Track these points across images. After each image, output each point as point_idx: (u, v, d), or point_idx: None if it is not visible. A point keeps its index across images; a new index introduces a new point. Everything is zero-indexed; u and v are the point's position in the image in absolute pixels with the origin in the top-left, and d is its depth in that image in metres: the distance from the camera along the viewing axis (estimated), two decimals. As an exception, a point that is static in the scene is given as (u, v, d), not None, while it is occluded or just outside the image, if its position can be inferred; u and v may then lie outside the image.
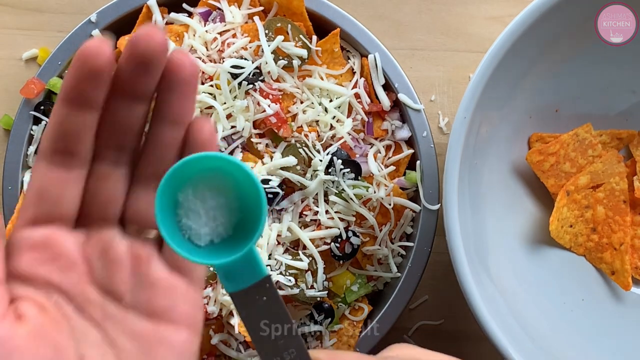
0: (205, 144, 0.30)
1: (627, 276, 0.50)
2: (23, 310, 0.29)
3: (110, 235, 0.31)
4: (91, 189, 0.31)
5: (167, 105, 0.30)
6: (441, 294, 0.55)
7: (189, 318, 0.32)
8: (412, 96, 0.50)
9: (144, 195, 0.31)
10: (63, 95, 0.29)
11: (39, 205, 0.30)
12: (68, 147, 0.29)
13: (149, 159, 0.31)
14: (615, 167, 0.50)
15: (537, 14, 0.42)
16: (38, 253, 0.30)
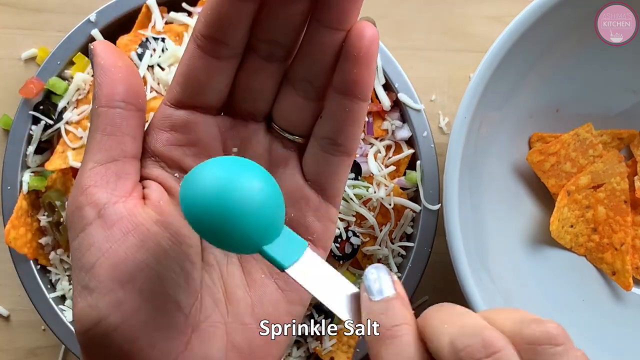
0: (363, 52, 0.28)
1: (628, 276, 0.50)
2: (150, 192, 0.29)
3: (253, 130, 0.31)
4: (241, 80, 0.30)
5: (329, 8, 0.27)
6: (441, 294, 0.54)
7: (317, 232, 0.31)
8: (412, 96, 0.50)
9: (292, 96, 0.30)
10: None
11: (185, 88, 0.29)
12: (221, 34, 0.28)
13: (302, 62, 0.29)
14: (616, 167, 0.50)
15: (538, 13, 0.42)
16: (177, 134, 0.30)
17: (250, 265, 0.31)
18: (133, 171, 0.29)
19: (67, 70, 0.50)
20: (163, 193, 0.29)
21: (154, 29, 0.49)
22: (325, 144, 0.30)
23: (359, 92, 0.29)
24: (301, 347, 0.49)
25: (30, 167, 0.49)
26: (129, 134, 0.29)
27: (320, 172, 0.31)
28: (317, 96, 0.30)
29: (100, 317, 0.27)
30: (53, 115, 0.49)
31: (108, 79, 0.28)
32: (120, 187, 0.28)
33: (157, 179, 0.30)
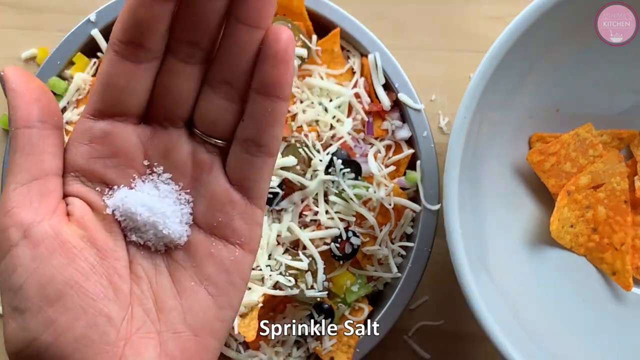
0: (279, 54, 0.29)
1: (628, 276, 0.50)
2: (73, 209, 0.29)
3: (175, 136, 0.31)
4: (160, 84, 0.30)
5: (245, 4, 0.28)
6: (441, 295, 0.55)
7: (244, 236, 0.31)
8: (412, 96, 0.50)
9: (213, 99, 0.30)
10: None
11: (104, 97, 0.29)
12: (139, 37, 0.28)
13: (222, 63, 0.29)
14: (616, 167, 0.50)
15: (538, 13, 0.42)
16: (98, 146, 0.30)
17: (180, 274, 0.31)
18: (55, 189, 0.29)
19: (66, 70, 0.50)
20: (86, 208, 0.30)
21: (154, 29, 0.49)
22: (248, 146, 0.30)
23: (279, 92, 0.29)
24: (301, 347, 0.49)
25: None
26: (48, 152, 0.29)
27: (244, 175, 0.31)
28: (238, 98, 0.30)
29: (31, 338, 0.27)
30: (53, 115, 0.49)
31: (22, 101, 0.29)
32: (44, 205, 0.29)
33: (79, 195, 0.30)
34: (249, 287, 0.46)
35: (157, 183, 0.31)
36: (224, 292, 0.31)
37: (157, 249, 0.31)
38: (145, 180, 0.31)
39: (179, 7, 0.28)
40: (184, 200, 0.31)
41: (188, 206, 0.31)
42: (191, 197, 0.31)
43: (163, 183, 0.31)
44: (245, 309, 0.46)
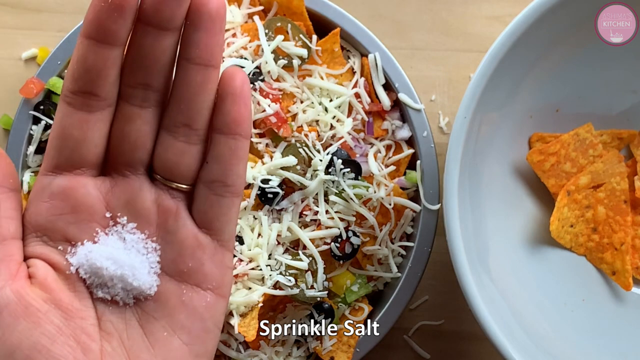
0: (236, 91, 0.29)
1: (628, 276, 0.50)
2: (36, 270, 0.29)
3: (137, 184, 0.30)
4: (117, 131, 0.29)
5: (194, 45, 0.28)
6: (441, 294, 0.55)
7: (215, 280, 0.30)
8: (412, 96, 0.50)
9: (173, 143, 0.29)
10: (84, 31, 0.27)
11: (60, 151, 0.29)
12: (90, 86, 0.28)
13: (178, 105, 0.29)
14: (616, 167, 0.50)
15: (538, 13, 0.42)
16: (58, 202, 0.29)
17: (152, 325, 0.30)
18: (15, 252, 0.29)
19: (67, 70, 0.50)
20: (49, 269, 0.29)
21: (154, 29, 0.49)
22: (214, 187, 0.30)
23: (240, 129, 0.29)
24: (301, 347, 0.49)
25: (31, 167, 0.49)
26: (5, 216, 0.28)
27: (212, 217, 0.30)
28: (198, 140, 0.30)
29: None
30: (53, 115, 0.49)
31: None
32: (4, 271, 0.28)
33: (40, 256, 0.29)
34: (249, 287, 0.46)
35: (121, 234, 0.30)
36: (198, 339, 0.30)
37: (126, 303, 0.30)
38: (109, 232, 0.30)
39: (127, 51, 0.28)
40: (151, 249, 0.30)
41: (156, 255, 0.30)
42: (158, 245, 0.30)
43: (128, 233, 0.30)
44: (246, 309, 0.46)
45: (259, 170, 0.47)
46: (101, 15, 0.26)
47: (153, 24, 0.27)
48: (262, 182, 0.46)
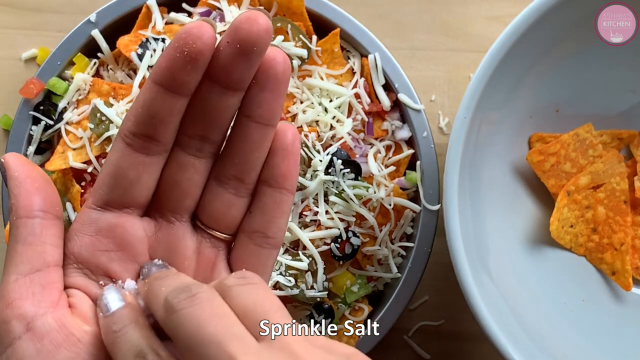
0: (287, 149, 0.29)
1: (628, 277, 0.50)
2: (76, 301, 0.29)
3: (181, 230, 0.30)
4: (168, 177, 0.30)
5: (258, 104, 0.28)
6: (441, 295, 0.55)
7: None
8: (412, 96, 0.50)
9: (221, 194, 0.30)
10: (155, 77, 0.27)
11: (113, 189, 0.29)
12: (152, 131, 0.28)
13: (232, 159, 0.30)
14: (616, 167, 0.50)
15: (538, 13, 0.42)
16: (103, 238, 0.29)
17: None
18: (57, 280, 0.29)
19: (67, 70, 0.50)
20: (88, 301, 0.29)
21: (154, 30, 0.49)
22: (255, 237, 0.30)
23: (287, 184, 0.30)
24: (301, 347, 0.49)
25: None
26: (50, 242, 0.29)
27: (249, 267, 0.31)
28: (246, 193, 0.30)
29: None
30: (53, 115, 0.49)
31: (24, 190, 0.28)
32: (47, 297, 0.28)
33: (81, 288, 0.29)
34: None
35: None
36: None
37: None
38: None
39: (190, 101, 0.28)
40: None
41: None
42: None
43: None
44: (246, 309, 0.46)
45: (259, 170, 0.47)
46: (174, 65, 0.27)
47: (221, 83, 0.28)
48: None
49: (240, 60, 0.27)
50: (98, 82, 0.48)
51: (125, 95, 0.47)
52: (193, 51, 0.26)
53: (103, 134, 0.47)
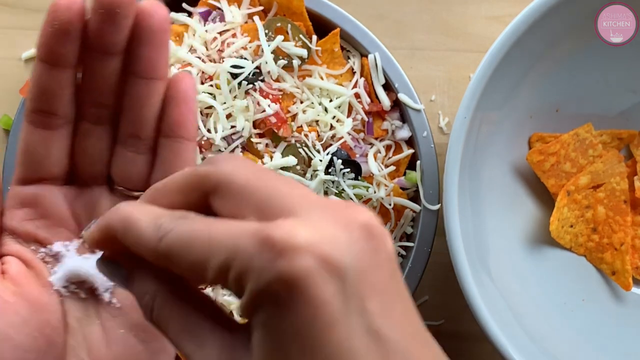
0: (179, 97, 0.30)
1: (628, 276, 0.50)
2: (8, 267, 0.30)
3: (97, 193, 0.32)
4: (77, 147, 0.31)
5: (138, 59, 0.29)
6: (441, 294, 0.55)
7: None
8: (412, 96, 0.50)
9: (124, 153, 0.31)
10: (38, 54, 0.29)
11: (26, 165, 0.31)
12: (47, 106, 0.29)
13: (126, 118, 0.31)
14: (616, 167, 0.50)
15: (537, 13, 0.42)
16: (28, 209, 0.31)
17: (110, 323, 0.31)
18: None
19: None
20: (21, 266, 0.30)
21: (154, 29, 0.49)
22: None
23: (184, 132, 0.31)
24: (301, 347, 0.49)
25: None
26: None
27: None
28: (146, 149, 0.31)
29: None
30: (53, 115, 0.49)
31: None
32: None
33: (15, 254, 0.31)
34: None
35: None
36: (154, 337, 0.31)
37: (90, 300, 0.31)
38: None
39: (82, 73, 0.30)
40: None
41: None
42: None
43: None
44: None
45: (259, 170, 0.47)
46: (50, 40, 0.28)
47: (97, 50, 0.29)
48: (262, 182, 0.46)
49: (107, 25, 0.28)
50: (98, 82, 0.48)
51: (125, 95, 0.47)
52: (63, 23, 0.27)
53: (103, 133, 0.47)
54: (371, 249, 0.23)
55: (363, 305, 0.22)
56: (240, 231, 0.22)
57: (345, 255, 0.22)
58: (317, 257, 0.21)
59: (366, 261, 0.22)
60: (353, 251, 0.22)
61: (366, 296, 0.22)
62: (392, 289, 0.23)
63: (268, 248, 0.21)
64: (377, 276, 0.23)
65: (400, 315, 0.23)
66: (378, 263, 0.23)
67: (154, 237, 0.24)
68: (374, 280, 0.23)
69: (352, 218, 0.23)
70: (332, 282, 0.21)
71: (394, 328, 0.23)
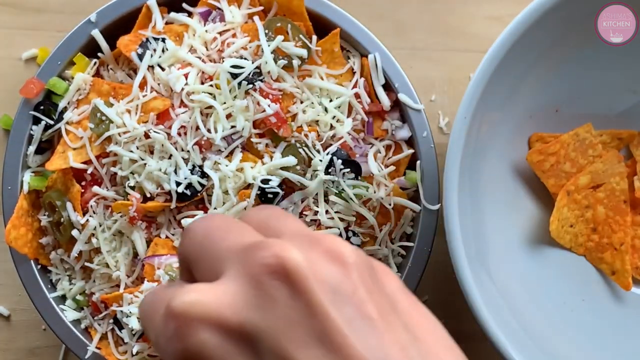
0: None
1: (628, 276, 0.50)
2: None
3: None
4: None
5: None
6: (441, 294, 0.55)
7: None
8: (412, 96, 0.50)
9: None
10: None
11: None
12: None
13: None
14: (616, 167, 0.50)
15: (538, 13, 0.42)
16: None
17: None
18: None
19: (67, 70, 0.50)
20: None
21: (154, 29, 0.49)
22: None
23: None
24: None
25: (31, 167, 0.49)
26: None
27: None
28: None
29: None
30: (53, 115, 0.49)
31: None
32: None
33: None
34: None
35: None
36: None
37: None
38: None
39: None
40: None
41: None
42: None
43: None
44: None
45: (259, 170, 0.47)
46: None
47: None
48: (262, 182, 0.46)
49: None
50: (98, 82, 0.48)
51: (126, 95, 0.47)
52: None
53: (103, 133, 0.47)
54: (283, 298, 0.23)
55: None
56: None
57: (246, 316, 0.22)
58: (213, 325, 0.22)
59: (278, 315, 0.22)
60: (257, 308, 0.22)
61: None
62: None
63: (166, 323, 0.23)
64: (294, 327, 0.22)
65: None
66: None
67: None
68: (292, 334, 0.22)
69: (260, 266, 0.23)
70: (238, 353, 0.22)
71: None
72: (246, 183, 0.47)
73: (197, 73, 0.47)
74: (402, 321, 0.24)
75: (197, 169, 0.46)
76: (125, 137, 0.46)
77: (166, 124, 0.47)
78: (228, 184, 0.47)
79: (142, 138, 0.47)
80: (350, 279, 0.24)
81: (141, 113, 0.47)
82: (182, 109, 0.47)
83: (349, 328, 0.22)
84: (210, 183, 0.47)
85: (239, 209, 0.47)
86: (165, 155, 0.47)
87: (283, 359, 0.22)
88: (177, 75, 0.47)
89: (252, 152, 0.48)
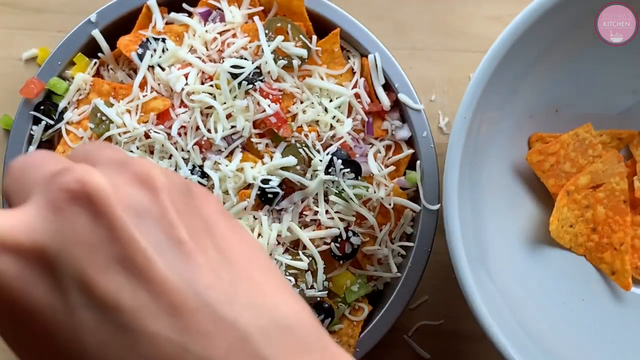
0: None
1: (627, 276, 0.50)
2: None
3: None
4: None
5: None
6: (441, 294, 0.55)
7: None
8: (412, 96, 0.50)
9: None
10: None
11: None
12: None
13: None
14: (616, 167, 0.50)
15: (538, 13, 0.42)
16: None
17: None
18: None
19: (67, 70, 0.50)
20: None
21: (155, 30, 0.49)
22: None
23: None
24: (301, 347, 0.49)
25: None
26: None
27: None
28: None
29: None
30: (54, 115, 0.49)
31: None
32: None
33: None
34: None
35: None
36: None
37: None
38: None
39: None
40: None
41: None
42: None
43: None
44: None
45: (259, 170, 0.47)
46: None
47: None
48: (262, 182, 0.46)
49: None
50: (98, 82, 0.48)
51: (126, 95, 0.48)
52: None
53: (103, 133, 0.47)
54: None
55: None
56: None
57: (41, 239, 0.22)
58: (8, 251, 0.22)
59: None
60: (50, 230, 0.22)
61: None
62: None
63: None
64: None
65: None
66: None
67: None
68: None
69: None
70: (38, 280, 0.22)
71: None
72: (246, 183, 0.47)
73: (197, 73, 0.47)
74: (215, 244, 0.24)
75: (197, 169, 0.47)
76: (126, 137, 0.46)
77: (166, 124, 0.47)
78: (228, 184, 0.47)
79: (142, 138, 0.47)
80: (159, 202, 0.23)
81: (141, 113, 0.47)
82: (182, 109, 0.47)
83: (154, 251, 0.22)
84: (210, 183, 0.47)
85: (239, 209, 0.47)
86: (166, 155, 0.47)
87: (83, 284, 0.21)
88: (177, 76, 0.47)
89: (252, 152, 0.48)
